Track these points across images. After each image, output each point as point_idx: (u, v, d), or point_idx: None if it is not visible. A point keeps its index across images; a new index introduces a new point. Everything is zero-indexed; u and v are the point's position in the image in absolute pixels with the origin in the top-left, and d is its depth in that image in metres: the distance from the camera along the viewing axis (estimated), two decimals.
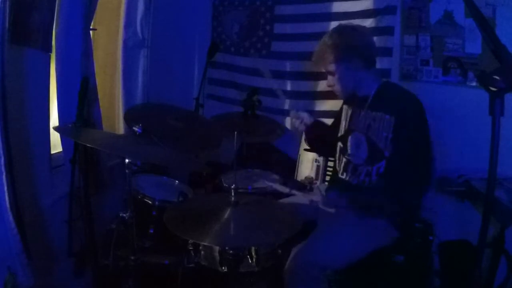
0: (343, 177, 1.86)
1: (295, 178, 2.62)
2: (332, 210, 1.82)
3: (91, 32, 2.13)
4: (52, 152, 2.02)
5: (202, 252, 1.59)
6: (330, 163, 2.47)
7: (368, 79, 1.78)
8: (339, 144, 1.92)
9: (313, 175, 2.53)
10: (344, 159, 1.87)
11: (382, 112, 1.71)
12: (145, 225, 1.81)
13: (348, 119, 1.88)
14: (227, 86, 3.24)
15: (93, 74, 2.16)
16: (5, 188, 1.50)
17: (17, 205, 1.57)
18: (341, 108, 1.98)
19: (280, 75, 2.97)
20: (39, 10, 1.72)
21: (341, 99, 1.92)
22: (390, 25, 2.50)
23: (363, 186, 1.75)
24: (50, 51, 1.88)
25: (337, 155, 1.93)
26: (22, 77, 1.71)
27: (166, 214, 1.44)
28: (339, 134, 1.93)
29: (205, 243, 1.50)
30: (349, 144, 1.85)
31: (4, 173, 1.49)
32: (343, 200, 1.67)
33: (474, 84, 2.29)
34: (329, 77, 1.81)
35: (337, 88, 1.82)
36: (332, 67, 1.76)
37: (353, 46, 1.71)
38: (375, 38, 2.49)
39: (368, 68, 1.76)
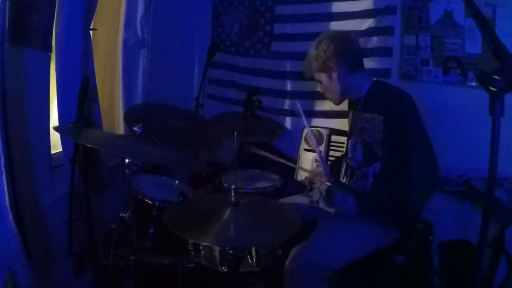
0: (343, 180, 1.87)
1: (295, 178, 2.63)
2: (332, 210, 1.82)
3: (91, 32, 2.13)
4: (52, 152, 2.01)
5: (202, 252, 1.59)
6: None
7: (357, 82, 1.77)
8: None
9: None
10: (345, 163, 1.89)
11: (372, 112, 1.70)
12: (145, 225, 1.81)
13: (350, 123, 1.89)
14: (227, 86, 3.24)
15: (93, 74, 2.16)
16: (5, 188, 1.50)
17: (17, 205, 1.57)
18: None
19: (280, 75, 2.97)
20: (39, 10, 1.72)
21: (334, 104, 1.91)
22: (390, 25, 2.50)
23: (361, 189, 1.74)
24: (50, 51, 1.88)
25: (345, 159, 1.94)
26: (22, 77, 1.71)
27: (166, 214, 1.44)
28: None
29: (205, 243, 1.50)
30: (349, 147, 1.86)
31: (4, 173, 1.49)
32: (349, 200, 1.65)
33: (474, 84, 2.29)
34: (319, 84, 1.84)
35: (327, 95, 1.85)
36: (317, 77, 1.80)
37: (332, 56, 1.72)
38: (375, 38, 2.52)
39: (353, 73, 1.75)
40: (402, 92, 1.72)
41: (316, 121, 2.80)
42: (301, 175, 2.58)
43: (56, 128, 1.83)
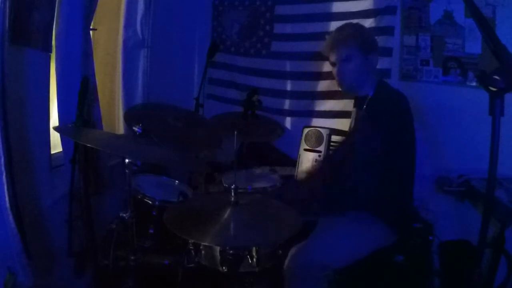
0: None
1: (295, 178, 2.62)
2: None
3: (91, 32, 2.13)
4: (52, 152, 2.01)
5: (203, 252, 1.59)
6: None
7: (371, 79, 1.79)
8: None
9: None
10: None
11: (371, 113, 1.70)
12: (145, 225, 1.81)
13: (353, 122, 1.89)
14: (227, 86, 3.23)
15: (93, 74, 2.16)
16: (5, 188, 1.50)
17: (17, 205, 1.57)
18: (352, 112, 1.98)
19: (280, 75, 2.97)
20: (39, 10, 1.72)
21: (342, 91, 1.88)
22: (390, 25, 2.50)
23: None
24: (50, 51, 1.88)
25: None
26: (22, 77, 1.71)
27: (166, 214, 1.44)
28: None
29: (205, 243, 1.50)
30: None
31: (4, 173, 1.49)
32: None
33: (474, 84, 2.29)
34: (342, 63, 1.77)
35: (344, 77, 1.79)
36: (351, 52, 1.74)
37: (375, 43, 1.79)
38: None
39: (374, 68, 1.80)
40: (400, 95, 1.73)
41: (316, 121, 2.80)
42: (301, 175, 2.58)
43: (56, 128, 1.83)
